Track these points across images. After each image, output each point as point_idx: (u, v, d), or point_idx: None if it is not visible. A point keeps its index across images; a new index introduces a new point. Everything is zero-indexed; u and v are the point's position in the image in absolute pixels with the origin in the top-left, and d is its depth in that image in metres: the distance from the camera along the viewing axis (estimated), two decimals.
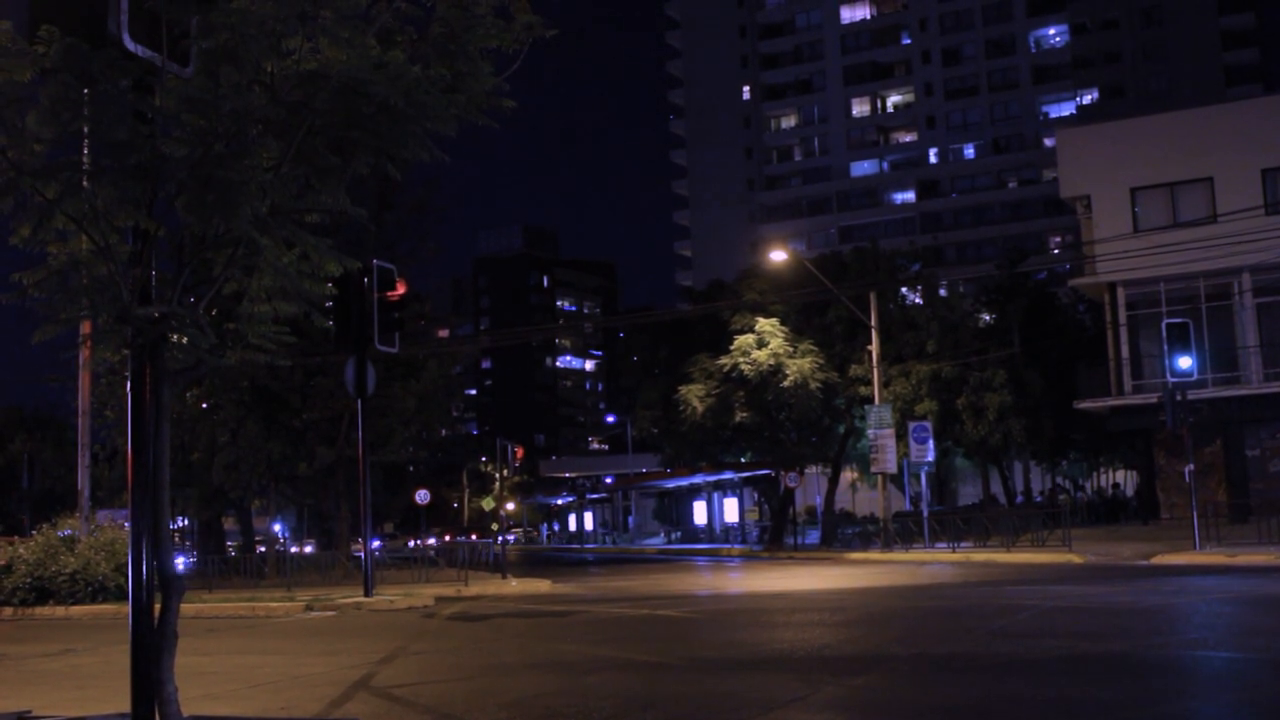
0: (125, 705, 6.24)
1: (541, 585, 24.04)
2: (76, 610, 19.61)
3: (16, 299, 6.28)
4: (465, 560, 28.70)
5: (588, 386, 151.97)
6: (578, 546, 74.53)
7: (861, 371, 40.35)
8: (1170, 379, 26.12)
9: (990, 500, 51.14)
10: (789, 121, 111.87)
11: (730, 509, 60.85)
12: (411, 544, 61.70)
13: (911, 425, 36.47)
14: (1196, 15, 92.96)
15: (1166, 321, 28.13)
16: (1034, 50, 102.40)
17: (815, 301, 42.87)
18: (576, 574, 31.68)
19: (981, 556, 27.66)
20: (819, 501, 52.61)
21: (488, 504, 70.33)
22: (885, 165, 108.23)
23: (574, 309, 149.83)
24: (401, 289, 20.73)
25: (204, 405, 31.83)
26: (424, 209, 34.27)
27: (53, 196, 6.05)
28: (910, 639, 10.62)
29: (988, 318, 49.38)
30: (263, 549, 36.13)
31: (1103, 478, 67.77)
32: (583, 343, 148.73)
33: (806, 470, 47.91)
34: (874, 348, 37.56)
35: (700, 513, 66.88)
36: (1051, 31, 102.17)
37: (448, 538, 59.99)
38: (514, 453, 36.58)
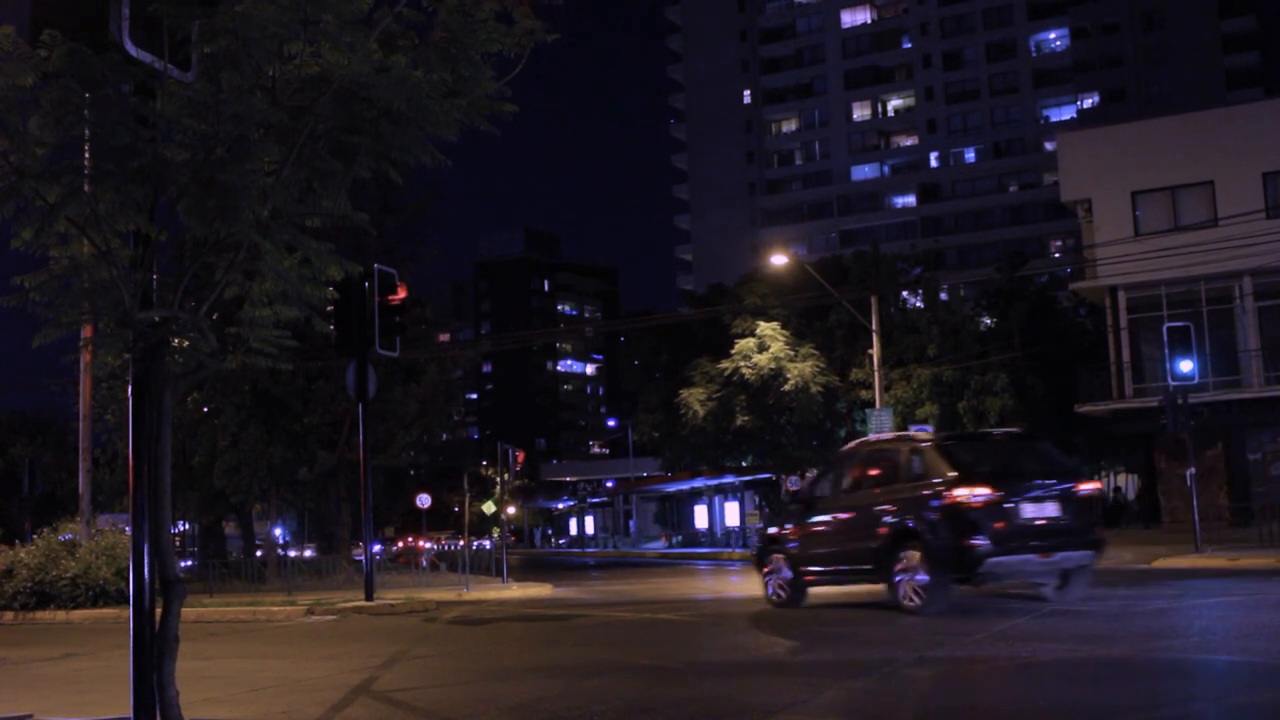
0: (126, 709, 6.24)
1: (542, 590, 24.04)
2: (77, 614, 19.62)
3: (17, 302, 6.28)
4: (466, 565, 28.70)
5: (589, 390, 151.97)
6: (579, 551, 74.51)
7: (862, 375, 40.40)
8: (1171, 382, 26.11)
9: None
10: (790, 125, 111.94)
11: (731, 513, 60.88)
12: (398, 546, 61.67)
13: (913, 429, 36.49)
14: (1197, 19, 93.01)
15: (1167, 325, 28.14)
16: (1035, 54, 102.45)
17: (816, 305, 42.93)
18: (577, 578, 31.67)
19: None
20: None
21: (488, 508, 70.30)
22: (886, 169, 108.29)
23: (575, 313, 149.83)
24: (402, 293, 20.75)
25: (205, 409, 31.85)
26: (425, 213, 34.33)
27: (54, 200, 6.05)
28: (912, 643, 10.62)
29: (989, 321, 49.43)
30: (261, 552, 36.14)
31: (1104, 481, 67.78)
32: (584, 347, 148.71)
33: (808, 474, 47.97)
34: (875, 351, 37.59)
35: (701, 516, 66.90)
36: (1052, 35, 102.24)
37: (462, 543, 60.04)
38: (515, 456, 36.53)
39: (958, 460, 13.26)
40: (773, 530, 16.17)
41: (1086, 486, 13.70)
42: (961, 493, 12.79)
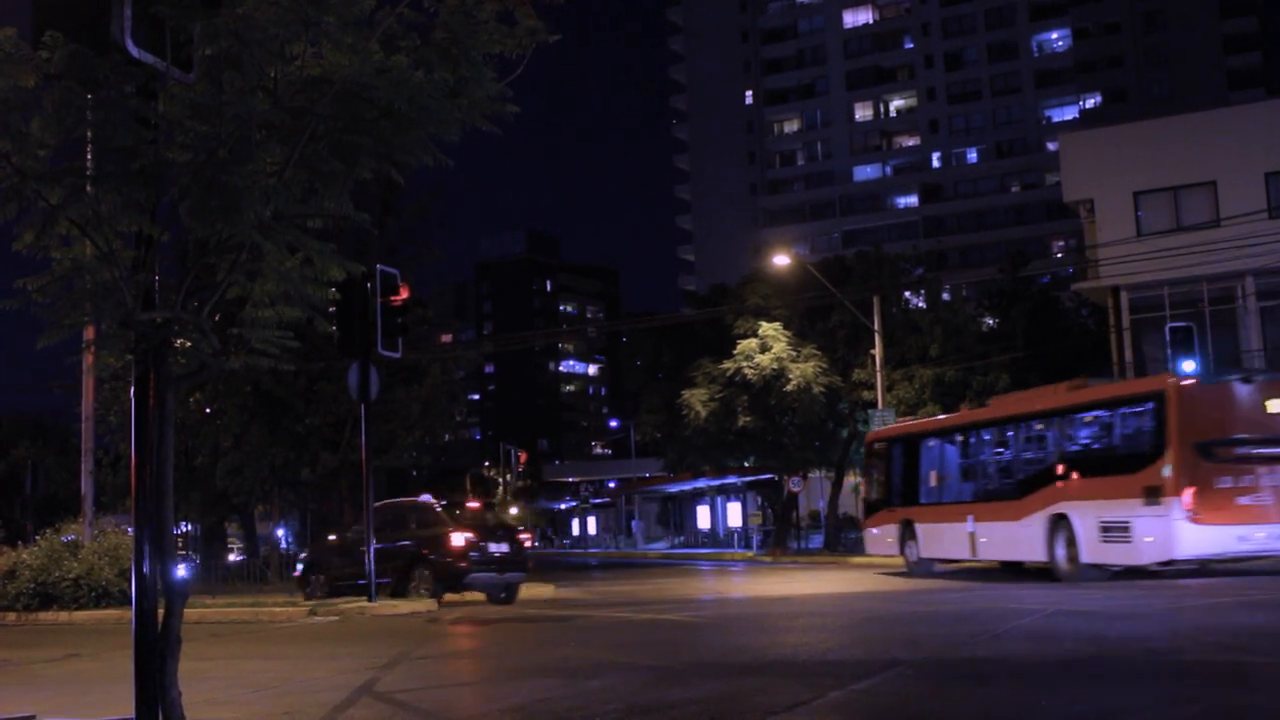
0: (129, 710, 6.24)
1: (545, 590, 24.03)
2: (80, 615, 19.62)
3: (20, 305, 6.28)
4: None
5: (591, 391, 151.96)
6: (581, 551, 74.52)
7: (865, 376, 40.36)
8: None
9: None
10: (791, 126, 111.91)
11: (733, 513, 60.88)
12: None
13: None
14: (1199, 19, 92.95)
15: (1170, 325, 28.20)
16: (1036, 54, 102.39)
17: (818, 306, 42.91)
18: (580, 579, 31.67)
19: None
20: (822, 506, 52.57)
21: None
22: (888, 170, 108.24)
23: (577, 314, 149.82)
24: (404, 294, 20.74)
25: (207, 410, 31.87)
26: (427, 214, 34.33)
27: (56, 201, 6.05)
28: (914, 643, 10.62)
29: (991, 322, 49.33)
30: (258, 554, 36.15)
31: None
32: (586, 347, 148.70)
33: (810, 474, 47.89)
34: (877, 352, 37.54)
35: (703, 517, 66.90)
36: (1054, 35, 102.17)
37: None
38: (517, 457, 36.57)
39: (453, 516, 20.93)
40: (316, 557, 22.91)
41: (524, 535, 22.20)
42: (455, 536, 20.19)
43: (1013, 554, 22.66)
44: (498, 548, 20.66)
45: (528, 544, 22.24)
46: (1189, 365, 26.22)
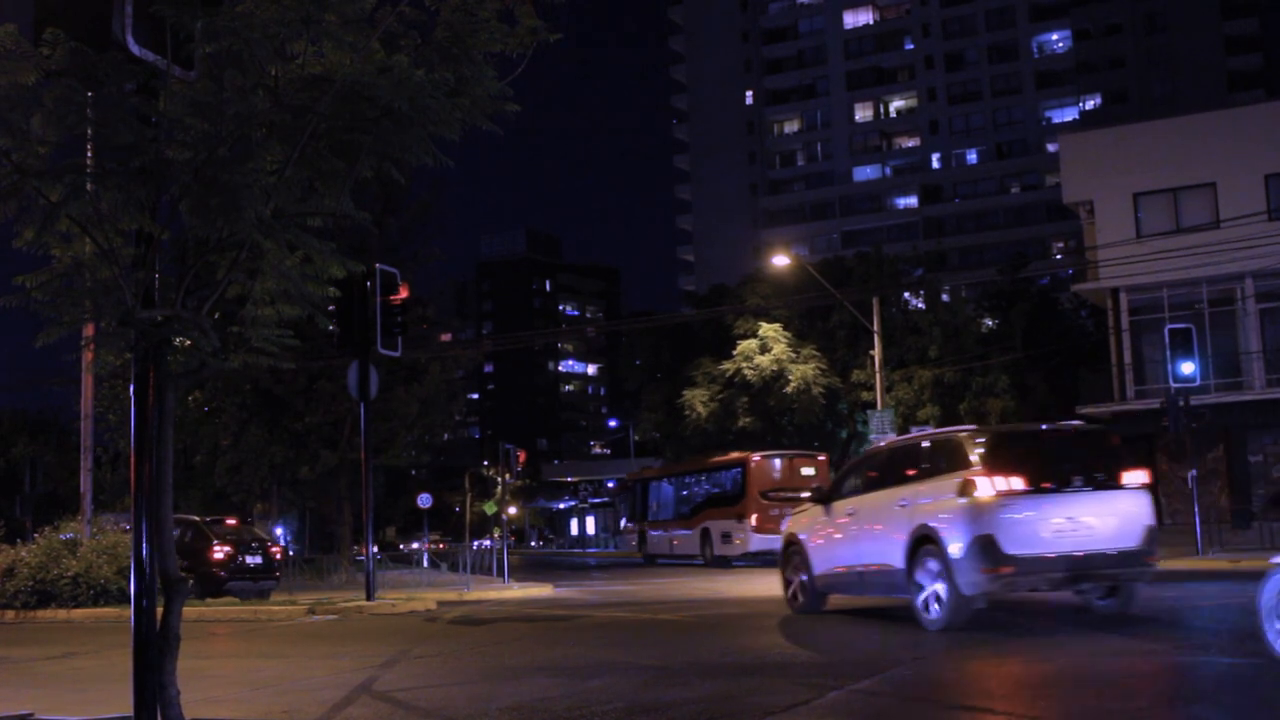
0: (127, 708, 6.24)
1: (543, 590, 24.03)
2: (78, 613, 19.61)
3: (20, 302, 6.28)
4: (467, 565, 28.69)
5: (590, 391, 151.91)
6: (579, 551, 74.46)
7: (864, 376, 40.40)
8: (1173, 384, 26.12)
9: None
10: (792, 126, 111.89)
11: None
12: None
13: (914, 430, 36.43)
14: (1200, 21, 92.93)
15: (1169, 327, 28.19)
16: (1037, 55, 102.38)
17: (818, 306, 42.97)
18: (578, 578, 31.66)
19: None
20: None
21: (490, 508, 70.35)
22: (888, 170, 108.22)
23: (577, 313, 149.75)
24: (404, 293, 20.73)
25: (206, 409, 31.89)
26: (427, 213, 34.35)
27: (57, 199, 6.05)
28: (915, 643, 10.63)
29: (990, 323, 49.38)
30: None
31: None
32: (585, 347, 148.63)
33: None
34: (877, 353, 37.56)
35: None
36: (1054, 36, 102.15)
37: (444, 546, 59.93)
38: (516, 457, 36.56)
39: (215, 532, 23.49)
40: None
41: (275, 549, 24.82)
42: (217, 548, 22.92)
43: (689, 552, 37.41)
44: (253, 559, 23.62)
45: (278, 556, 25.65)
46: (1187, 368, 26.27)
